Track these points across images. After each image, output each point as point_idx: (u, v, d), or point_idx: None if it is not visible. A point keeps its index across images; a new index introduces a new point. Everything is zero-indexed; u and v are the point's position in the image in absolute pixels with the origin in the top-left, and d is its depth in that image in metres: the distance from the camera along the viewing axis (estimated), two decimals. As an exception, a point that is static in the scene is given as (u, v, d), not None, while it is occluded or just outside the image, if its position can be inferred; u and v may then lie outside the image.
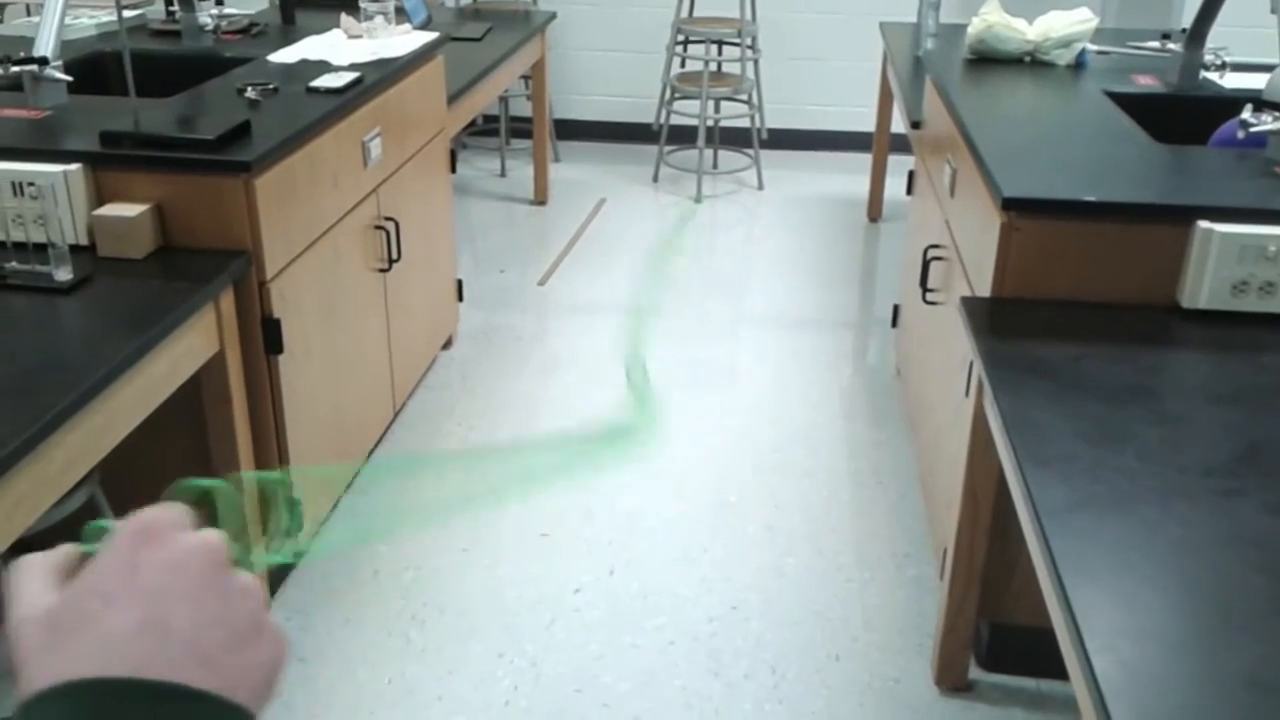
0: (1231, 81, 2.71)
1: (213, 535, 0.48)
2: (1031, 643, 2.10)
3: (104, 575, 0.46)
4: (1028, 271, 1.93)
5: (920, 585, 2.49)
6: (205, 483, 0.54)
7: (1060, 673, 1.30)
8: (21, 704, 0.42)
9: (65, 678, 0.42)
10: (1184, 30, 2.76)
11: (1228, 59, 2.77)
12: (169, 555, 0.46)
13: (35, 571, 0.48)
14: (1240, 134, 2.20)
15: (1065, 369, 1.69)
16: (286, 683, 0.48)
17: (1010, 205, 1.90)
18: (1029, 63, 2.87)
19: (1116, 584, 1.23)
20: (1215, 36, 2.70)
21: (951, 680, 2.19)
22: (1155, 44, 3.02)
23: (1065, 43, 2.82)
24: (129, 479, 2.25)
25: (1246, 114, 2.19)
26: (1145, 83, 2.72)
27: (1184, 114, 2.63)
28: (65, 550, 0.49)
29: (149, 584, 0.45)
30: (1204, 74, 2.73)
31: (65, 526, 1.85)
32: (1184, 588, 1.23)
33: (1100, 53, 2.93)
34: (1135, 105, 2.51)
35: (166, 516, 0.48)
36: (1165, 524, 1.33)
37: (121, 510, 1.77)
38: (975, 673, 2.22)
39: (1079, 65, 2.84)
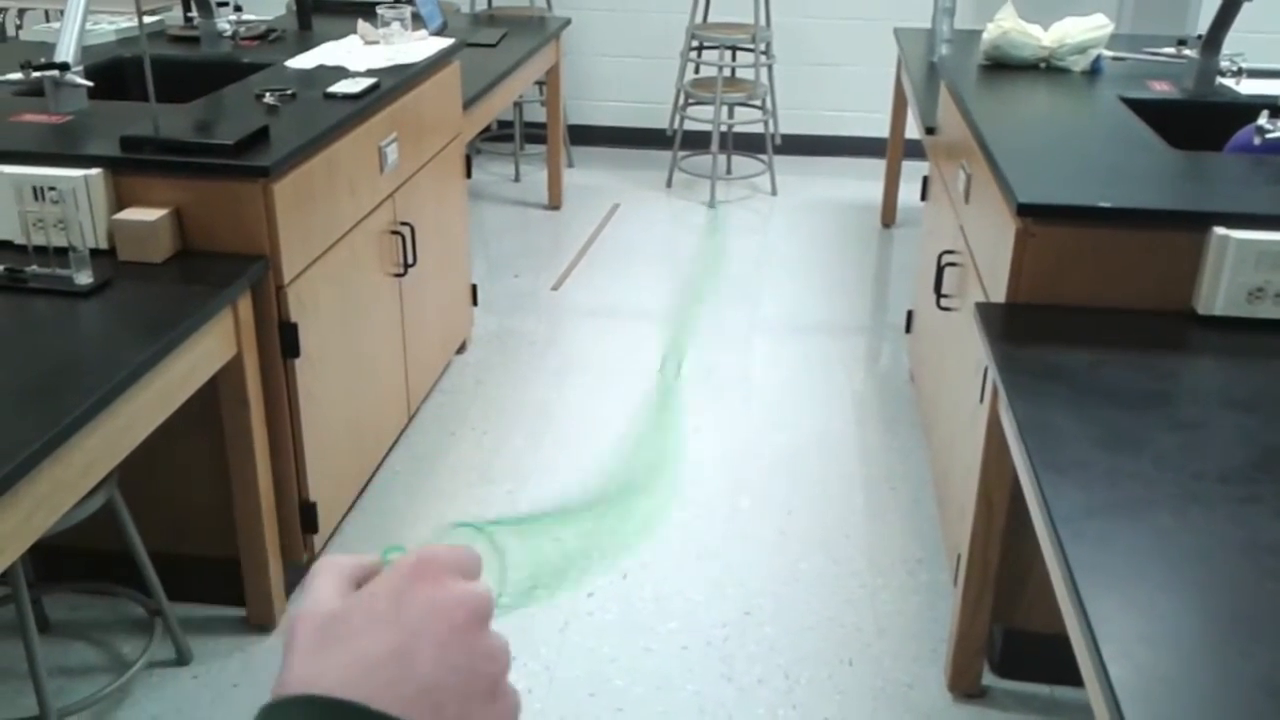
0: (1248, 88, 2.70)
1: (482, 590, 0.49)
2: (1045, 649, 2.10)
3: (377, 598, 0.47)
4: (1043, 277, 1.93)
5: (933, 591, 2.49)
6: (475, 524, 0.54)
7: (1074, 679, 1.30)
8: (264, 706, 0.44)
9: (312, 683, 0.44)
10: (1200, 36, 2.75)
11: (1244, 65, 2.77)
12: (438, 596, 0.47)
13: (333, 572, 0.49)
14: (1256, 140, 2.19)
15: (1080, 375, 1.69)
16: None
17: (1025, 211, 1.91)
18: (1044, 69, 2.87)
19: (1132, 590, 1.23)
20: (1231, 42, 2.69)
21: (965, 686, 2.19)
22: (1171, 50, 3.01)
23: (1080, 49, 2.82)
24: (147, 482, 2.26)
25: (1263, 120, 2.19)
26: (1161, 89, 2.72)
27: (1200, 120, 2.62)
28: (368, 559, 0.50)
29: (410, 618, 0.46)
30: (1220, 80, 2.73)
31: (84, 529, 1.87)
32: (1200, 594, 1.23)
33: (1116, 59, 2.93)
34: (1151, 111, 2.51)
35: (450, 558, 0.49)
36: (1181, 530, 1.33)
37: (141, 513, 1.78)
38: (989, 679, 2.22)
39: (1094, 71, 2.83)
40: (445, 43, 3.08)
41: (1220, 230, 1.83)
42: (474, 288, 3.54)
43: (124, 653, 2.28)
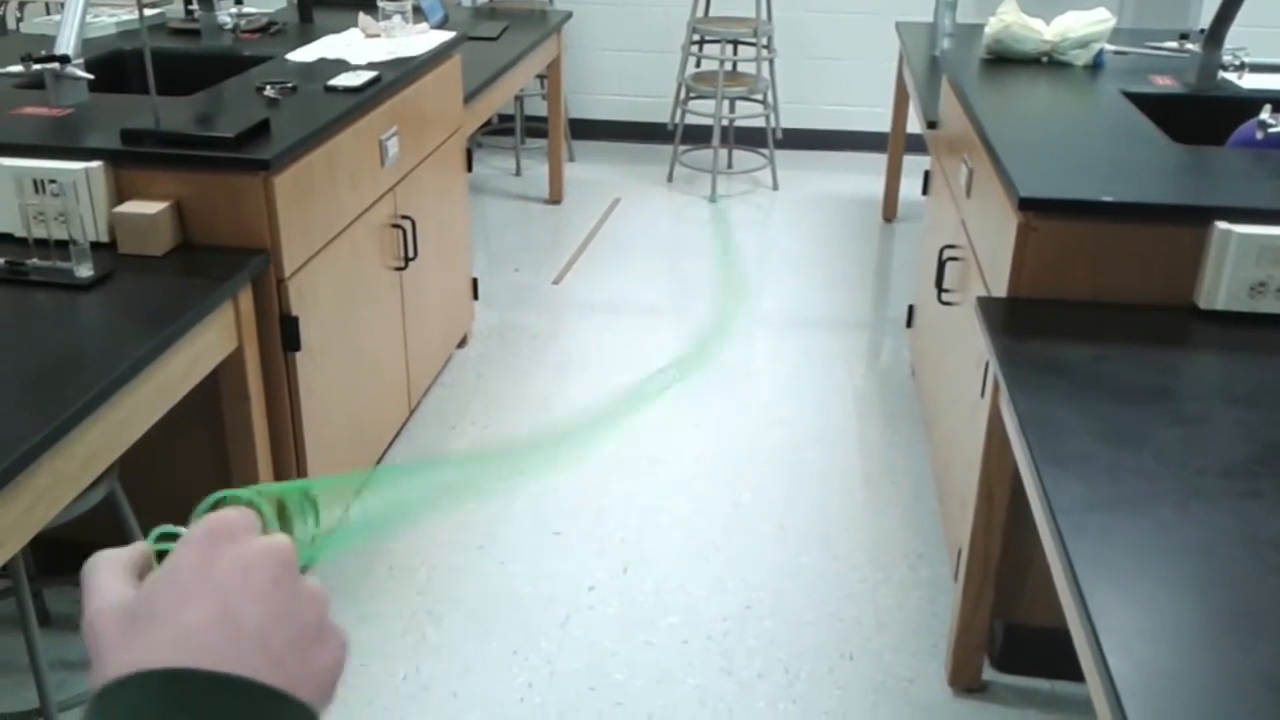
0: (1250, 82, 2.69)
1: (283, 538, 0.49)
2: (1046, 643, 2.10)
3: (180, 571, 0.47)
4: (1044, 272, 1.92)
5: (934, 585, 2.49)
6: (236, 493, 0.55)
7: (1075, 674, 1.30)
8: (96, 692, 0.43)
9: (138, 666, 0.43)
10: (1202, 30, 2.75)
11: (1246, 59, 2.76)
12: (242, 555, 0.47)
13: (110, 566, 0.49)
14: (1259, 134, 2.19)
15: (1082, 369, 1.69)
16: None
17: (1027, 205, 1.90)
18: (1046, 63, 2.86)
19: (1133, 585, 1.23)
20: (1234, 37, 2.69)
21: (965, 681, 2.19)
22: (1173, 44, 3.01)
23: (1083, 43, 2.82)
24: (148, 475, 2.26)
25: (1265, 115, 2.19)
26: (1163, 83, 2.71)
27: (1202, 114, 2.62)
28: (139, 547, 0.51)
29: (223, 581, 0.46)
30: (1222, 74, 2.72)
31: (85, 522, 1.87)
32: (1201, 589, 1.23)
33: (1118, 53, 2.92)
34: (1153, 106, 2.50)
35: (239, 519, 0.49)
36: (1182, 525, 1.33)
37: (142, 506, 1.78)
38: (989, 673, 2.22)
39: (1096, 65, 2.83)
40: (446, 36, 3.07)
41: (1222, 225, 1.82)
42: (475, 282, 3.54)
43: (125, 646, 2.28)
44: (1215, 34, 2.66)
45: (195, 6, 3.16)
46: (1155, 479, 1.41)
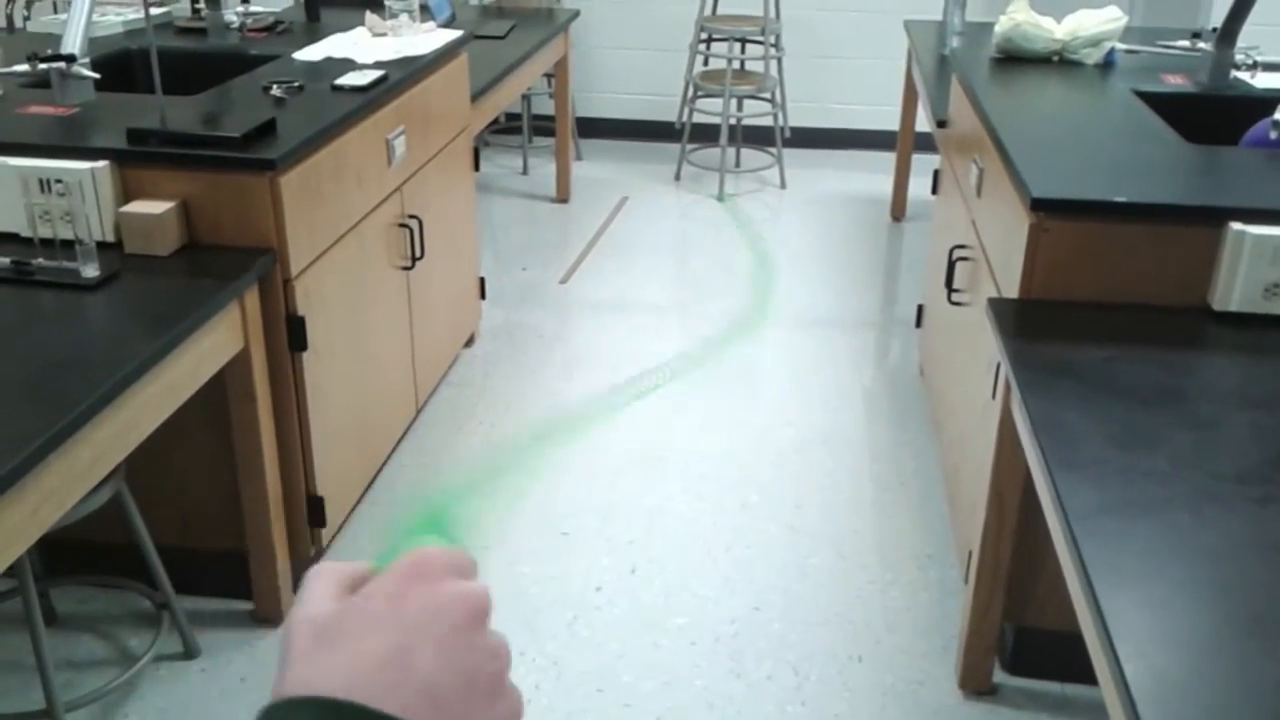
0: (1263, 81, 2.67)
1: (480, 588, 0.49)
2: (1057, 647, 2.08)
3: (374, 599, 0.47)
4: (1056, 272, 1.91)
5: (943, 587, 2.47)
6: (442, 510, 0.54)
7: (1086, 677, 1.28)
8: (264, 708, 0.44)
9: (312, 685, 0.43)
10: (1214, 29, 2.73)
11: (1259, 58, 2.74)
12: (435, 596, 0.47)
13: (326, 578, 0.49)
14: (1272, 134, 2.17)
15: (1094, 371, 1.68)
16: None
17: (1039, 206, 1.89)
18: (1057, 62, 2.85)
19: (1147, 590, 1.22)
20: (1246, 35, 2.67)
21: (975, 684, 2.18)
22: (1185, 43, 2.99)
23: (1094, 41, 2.80)
24: (155, 475, 2.26)
25: (1279, 114, 2.16)
26: (1175, 82, 2.70)
27: (1215, 114, 2.60)
28: (360, 565, 0.50)
29: (409, 619, 0.46)
30: (1235, 73, 2.70)
31: (92, 522, 1.86)
32: (1217, 594, 1.22)
33: (1129, 52, 2.90)
34: (1165, 105, 2.49)
35: (446, 559, 0.49)
36: (1197, 529, 1.31)
37: (148, 507, 1.77)
38: (999, 676, 2.21)
39: (1108, 64, 2.81)
40: (453, 35, 3.06)
41: (1236, 225, 1.81)
42: (482, 281, 3.53)
43: (131, 646, 2.27)
44: (1228, 32, 2.64)
45: (202, 5, 3.15)
46: (1169, 483, 1.40)
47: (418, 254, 2.79)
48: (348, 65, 2.69)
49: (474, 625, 0.47)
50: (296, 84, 2.47)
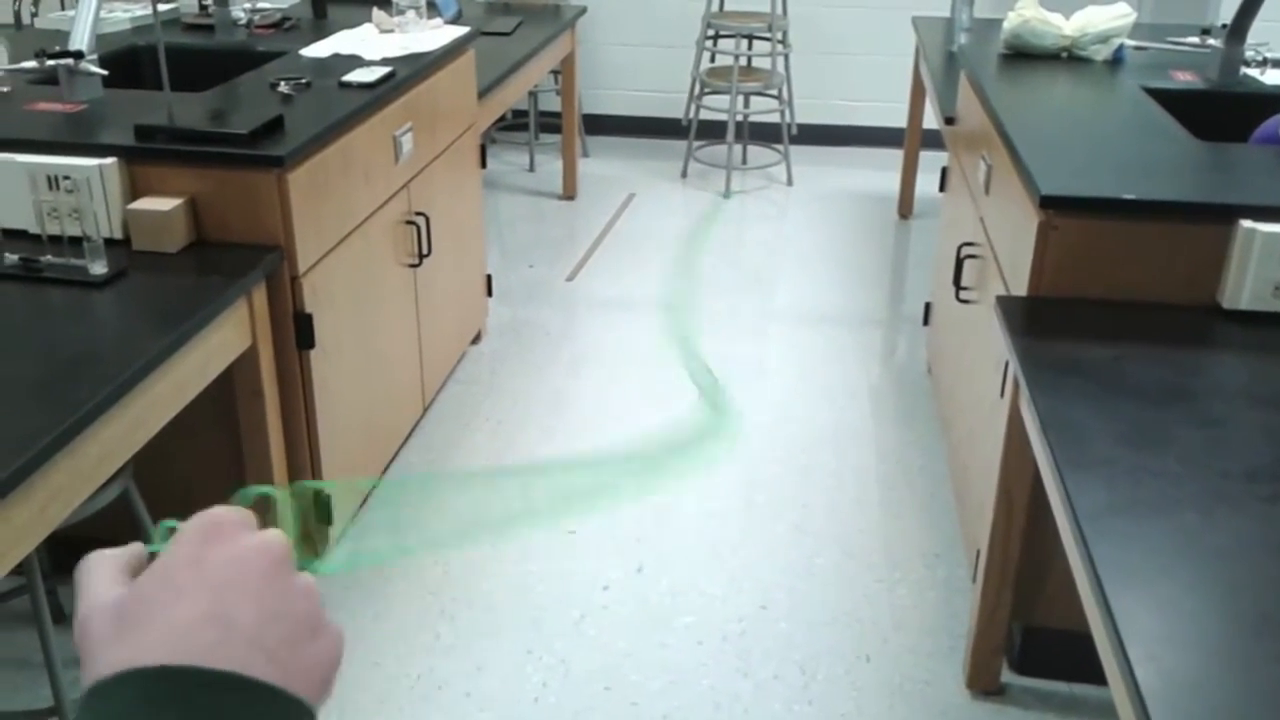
0: (1273, 78, 2.66)
1: (276, 535, 0.49)
2: (1065, 646, 2.08)
3: (172, 569, 0.47)
4: (1065, 270, 1.90)
5: (951, 586, 2.47)
6: (264, 490, 0.55)
7: (1094, 677, 1.28)
8: (88, 690, 0.43)
9: (132, 665, 0.43)
10: (1224, 25, 2.71)
11: (1269, 55, 2.73)
12: (234, 552, 0.47)
13: (104, 565, 0.49)
14: (1283, 132, 2.16)
15: (1104, 370, 1.67)
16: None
17: (1048, 203, 1.88)
18: (1065, 58, 2.84)
19: (1157, 590, 1.21)
20: (1256, 32, 2.66)
21: (983, 683, 2.17)
22: (1194, 39, 2.98)
23: (1103, 38, 2.79)
24: (162, 473, 2.26)
25: (1290, 111, 2.15)
26: (1184, 79, 2.68)
27: (1224, 111, 2.59)
28: (133, 547, 0.51)
29: (215, 578, 0.46)
30: (1245, 70, 2.69)
31: (99, 520, 1.86)
32: (1227, 594, 1.21)
33: (1138, 48, 2.89)
34: (1174, 102, 2.48)
35: (232, 515, 0.50)
36: (1207, 529, 1.31)
37: (155, 504, 1.77)
38: (1007, 676, 2.20)
39: (1117, 61, 2.80)
40: (460, 31, 3.06)
41: (1246, 223, 1.80)
42: (489, 278, 3.53)
43: (139, 643, 2.27)
44: (1237, 29, 2.62)
45: (209, 2, 3.15)
46: (1178, 482, 1.39)
47: (425, 251, 2.79)
48: (355, 62, 2.69)
49: (280, 571, 0.48)
50: (304, 81, 2.47)
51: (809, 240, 4.46)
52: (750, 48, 5.01)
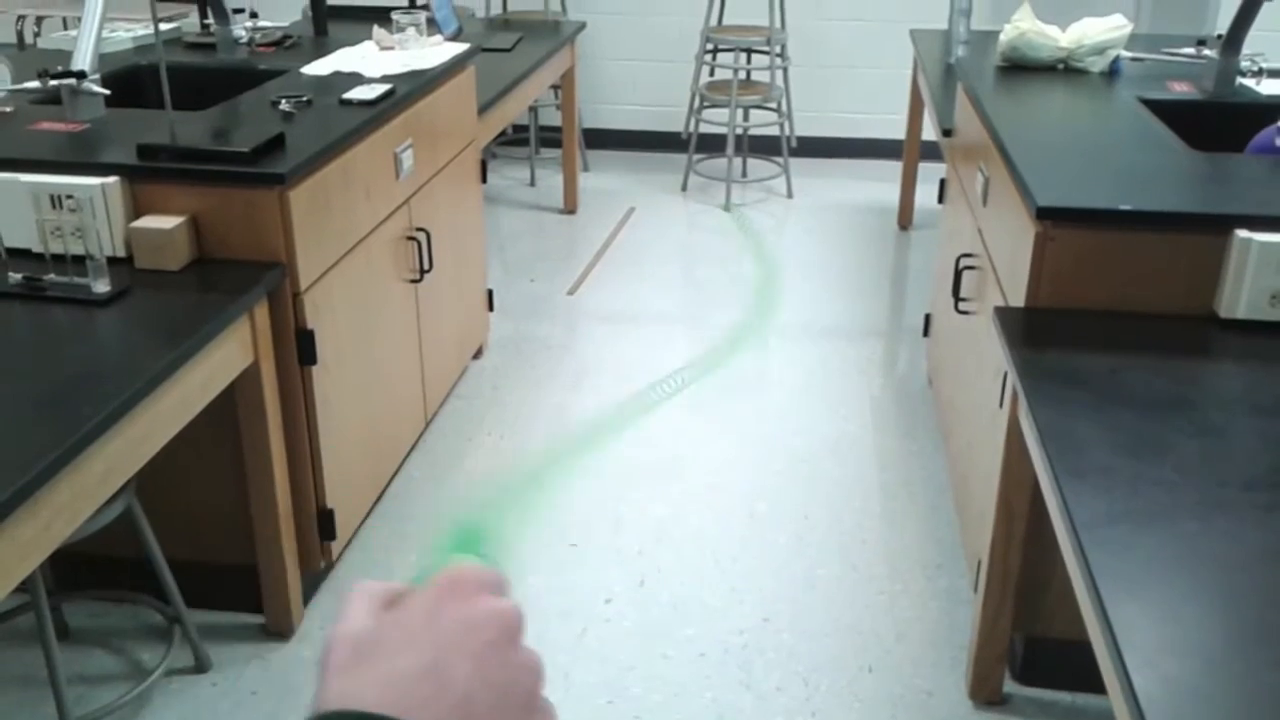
0: (1269, 88, 2.67)
1: (513, 605, 0.50)
2: (1067, 656, 2.08)
3: (409, 616, 0.48)
4: (1063, 281, 1.91)
5: (953, 597, 2.47)
6: (481, 519, 0.56)
7: (1096, 686, 1.28)
8: (308, 718, 0.45)
9: (349, 698, 0.44)
10: (1220, 36, 2.73)
11: (1265, 65, 2.74)
12: (469, 613, 0.48)
13: (366, 595, 0.50)
14: (1278, 141, 2.17)
15: (1101, 380, 1.68)
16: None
17: (1045, 214, 1.89)
18: (1062, 70, 2.85)
19: (1156, 599, 1.22)
20: (1252, 42, 2.67)
21: (986, 694, 2.17)
22: (1190, 50, 2.99)
23: (1099, 49, 2.80)
24: (165, 490, 2.27)
25: (1285, 121, 2.17)
26: (1181, 89, 2.70)
27: (1220, 121, 2.60)
28: (399, 584, 0.52)
29: (444, 635, 0.47)
30: (1240, 80, 2.70)
31: (103, 537, 1.87)
32: (1225, 603, 1.22)
33: (1134, 59, 2.91)
34: (1170, 112, 2.49)
35: (479, 576, 0.51)
36: (1205, 538, 1.31)
37: (159, 521, 1.78)
38: (1010, 686, 2.20)
39: (1113, 72, 2.81)
40: (460, 48, 3.08)
41: (1243, 233, 1.81)
42: (490, 293, 3.54)
43: (143, 660, 2.28)
44: (1233, 39, 2.64)
45: (211, 21, 3.17)
46: (1177, 491, 1.40)
47: (426, 266, 2.81)
48: (355, 79, 2.71)
49: (508, 641, 0.48)
50: (305, 98, 2.49)
51: (809, 252, 4.47)
52: (749, 61, 5.03)
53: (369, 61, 2.88)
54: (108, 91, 2.40)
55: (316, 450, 2.30)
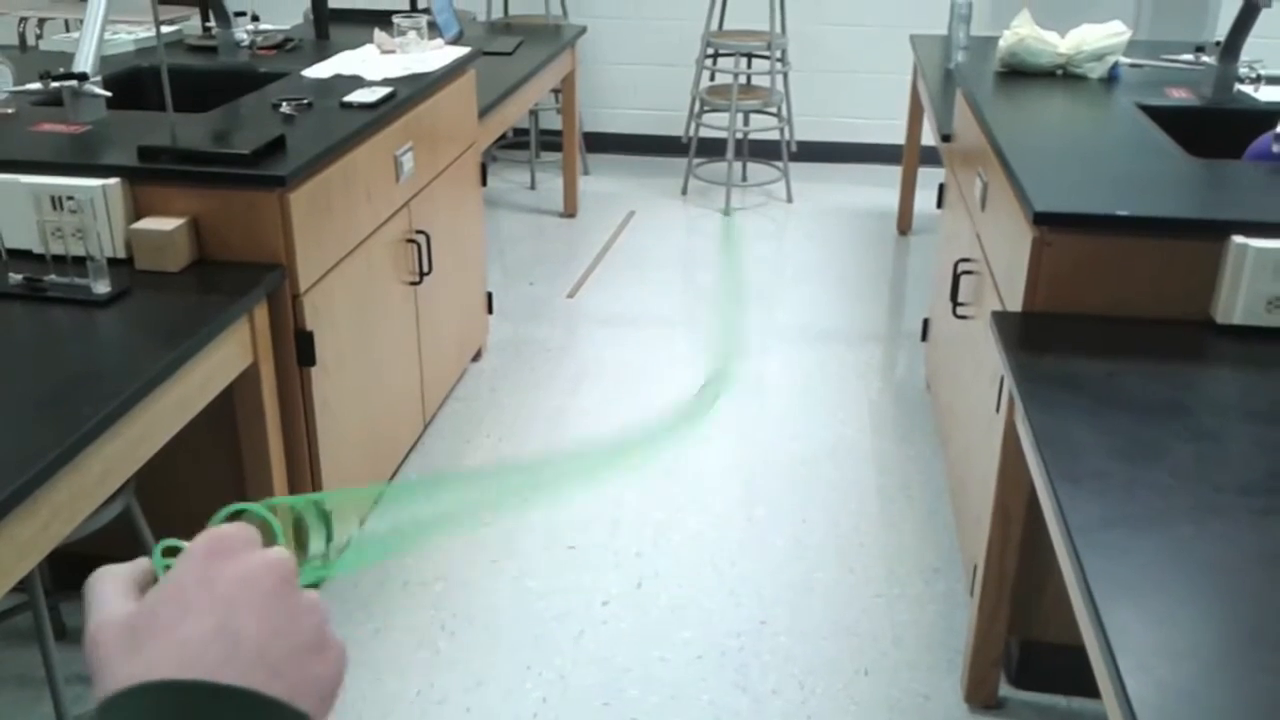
0: (1267, 95, 2.68)
1: (281, 552, 0.51)
2: (1063, 660, 2.08)
3: (181, 585, 0.48)
4: (1060, 286, 1.92)
5: (950, 601, 2.48)
6: (249, 506, 0.56)
7: (1092, 690, 1.29)
8: (100, 704, 0.44)
9: (142, 680, 0.44)
10: (1218, 43, 2.74)
11: (1263, 71, 2.75)
12: (241, 569, 0.49)
13: (113, 581, 0.51)
14: (1275, 148, 2.18)
15: (1098, 384, 1.68)
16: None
17: (1042, 220, 1.90)
18: (1061, 76, 2.86)
19: (1150, 602, 1.22)
20: (1250, 49, 2.68)
21: (981, 698, 2.18)
22: (1189, 57, 3.00)
23: (1098, 55, 2.81)
24: (164, 490, 2.27)
25: (1282, 128, 2.17)
26: (1179, 96, 2.71)
27: (1218, 127, 2.61)
28: (141, 563, 0.52)
29: (222, 595, 0.47)
30: (1238, 87, 2.71)
31: (101, 537, 1.88)
32: (1220, 607, 1.22)
33: (1133, 66, 2.92)
34: (1168, 119, 2.50)
35: (239, 533, 0.51)
36: (1200, 542, 1.32)
37: (157, 521, 1.78)
38: (1005, 690, 2.21)
39: (1111, 78, 2.82)
40: (461, 51, 3.09)
41: (1239, 239, 1.81)
42: (489, 295, 3.55)
43: (140, 660, 2.28)
44: (1231, 46, 2.65)
45: (212, 24, 3.18)
46: (1172, 496, 1.40)
47: (426, 269, 2.81)
48: (356, 82, 2.71)
49: (285, 587, 0.49)
50: (306, 101, 2.50)
51: (809, 256, 4.48)
52: (750, 66, 5.04)
53: (370, 64, 2.89)
54: (109, 93, 2.40)
55: (315, 451, 2.30)
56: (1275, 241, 1.79)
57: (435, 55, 3.00)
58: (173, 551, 0.52)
